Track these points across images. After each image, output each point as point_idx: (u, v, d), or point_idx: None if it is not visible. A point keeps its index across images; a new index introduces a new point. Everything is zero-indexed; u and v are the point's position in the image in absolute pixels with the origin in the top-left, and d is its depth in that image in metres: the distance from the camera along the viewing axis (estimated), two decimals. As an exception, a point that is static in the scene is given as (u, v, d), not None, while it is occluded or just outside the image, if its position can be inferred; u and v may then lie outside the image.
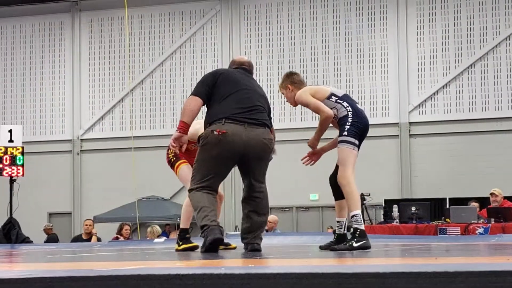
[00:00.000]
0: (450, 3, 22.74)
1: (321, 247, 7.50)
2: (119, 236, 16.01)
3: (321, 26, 23.62)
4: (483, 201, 15.02)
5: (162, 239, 14.14)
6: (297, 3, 23.85)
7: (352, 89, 23.09)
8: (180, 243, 8.06)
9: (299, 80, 7.67)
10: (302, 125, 22.03)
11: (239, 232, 7.73)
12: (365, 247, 6.90)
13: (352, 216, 7.04)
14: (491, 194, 14.37)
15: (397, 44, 22.95)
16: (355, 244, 6.90)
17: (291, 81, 7.64)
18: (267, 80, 23.73)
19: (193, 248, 7.91)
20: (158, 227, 16.44)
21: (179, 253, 8.09)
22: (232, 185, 23.46)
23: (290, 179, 22.69)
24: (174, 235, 18.59)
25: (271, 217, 18.29)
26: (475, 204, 14.66)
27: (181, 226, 8.37)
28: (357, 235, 6.94)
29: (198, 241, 7.70)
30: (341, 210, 7.47)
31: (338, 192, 7.40)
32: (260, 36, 24.14)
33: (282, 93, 7.78)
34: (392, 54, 23.00)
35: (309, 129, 8.57)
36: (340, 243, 7.14)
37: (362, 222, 7.15)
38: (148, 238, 15.38)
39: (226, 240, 8.05)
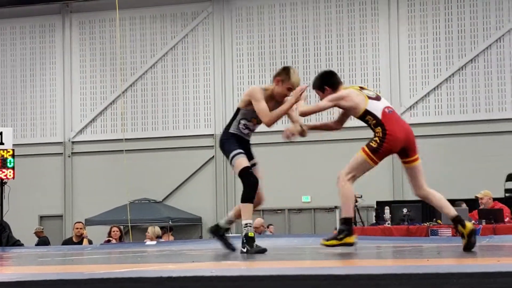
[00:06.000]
0: (441, 5, 22.79)
1: None
2: (111, 238, 15.97)
3: (313, 28, 23.64)
4: (474, 203, 15.06)
5: (154, 241, 14.14)
6: (288, 5, 23.86)
7: (343, 91, 23.10)
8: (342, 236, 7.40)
9: None
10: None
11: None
12: None
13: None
14: (477, 197, 14.45)
15: (389, 46, 22.98)
16: None
17: None
18: (259, 82, 23.72)
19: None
20: (158, 228, 16.44)
21: (172, 255, 8.09)
22: (224, 184, 23.47)
23: (283, 181, 22.67)
24: (166, 238, 18.57)
25: (259, 220, 18.31)
26: (464, 205, 14.70)
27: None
28: None
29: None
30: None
31: None
32: (252, 38, 24.14)
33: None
34: (384, 56, 23.04)
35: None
36: None
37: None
38: (147, 239, 15.36)
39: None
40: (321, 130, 8.13)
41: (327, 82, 7.74)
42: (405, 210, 14.35)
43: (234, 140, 7.73)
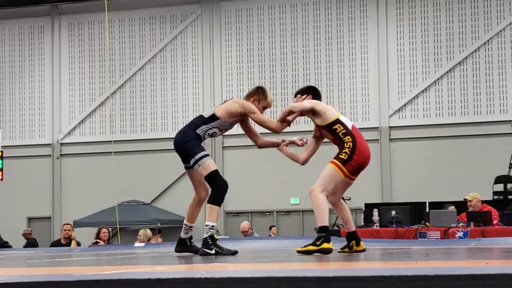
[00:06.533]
0: (430, 8, 22.85)
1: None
2: (99, 240, 15.92)
3: (302, 30, 23.66)
4: (462, 205, 15.09)
5: (143, 243, 14.11)
6: (277, 7, 23.88)
7: (332, 94, 23.14)
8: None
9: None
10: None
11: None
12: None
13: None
14: (465, 200, 14.48)
15: (377, 48, 23.02)
16: None
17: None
18: (248, 84, 23.72)
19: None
20: (149, 231, 16.39)
21: (161, 257, 8.08)
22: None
23: (271, 183, 22.68)
24: (155, 240, 18.55)
25: (245, 224, 18.37)
26: (451, 208, 14.72)
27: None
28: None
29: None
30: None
31: None
32: (241, 41, 24.14)
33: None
34: (372, 59, 23.07)
35: (291, 133, 8.68)
36: None
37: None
38: (138, 242, 15.31)
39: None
40: (289, 156, 8.53)
41: (312, 92, 8.14)
42: (393, 212, 14.38)
43: (199, 141, 7.86)
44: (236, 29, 24.22)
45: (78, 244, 15.73)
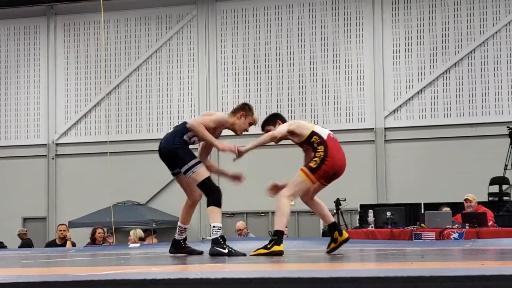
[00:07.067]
0: (425, 9, 22.88)
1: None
2: (95, 238, 15.90)
3: (297, 31, 23.67)
4: (457, 206, 15.12)
5: (138, 244, 14.11)
6: (273, 8, 23.88)
7: (328, 94, 23.14)
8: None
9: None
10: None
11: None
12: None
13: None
14: (465, 200, 14.48)
15: (373, 49, 23.03)
16: None
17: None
18: (243, 85, 23.73)
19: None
20: (140, 230, 16.38)
21: (156, 257, 8.09)
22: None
23: (266, 184, 22.64)
24: (150, 240, 18.54)
25: (241, 223, 18.41)
26: (446, 209, 14.75)
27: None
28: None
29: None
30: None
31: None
32: (237, 41, 24.13)
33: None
34: (368, 60, 23.08)
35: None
36: None
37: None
38: (130, 242, 15.31)
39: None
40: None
41: (279, 118, 8.46)
42: (388, 214, 14.41)
43: (188, 148, 7.95)
44: (231, 30, 24.21)
45: (73, 244, 15.72)
